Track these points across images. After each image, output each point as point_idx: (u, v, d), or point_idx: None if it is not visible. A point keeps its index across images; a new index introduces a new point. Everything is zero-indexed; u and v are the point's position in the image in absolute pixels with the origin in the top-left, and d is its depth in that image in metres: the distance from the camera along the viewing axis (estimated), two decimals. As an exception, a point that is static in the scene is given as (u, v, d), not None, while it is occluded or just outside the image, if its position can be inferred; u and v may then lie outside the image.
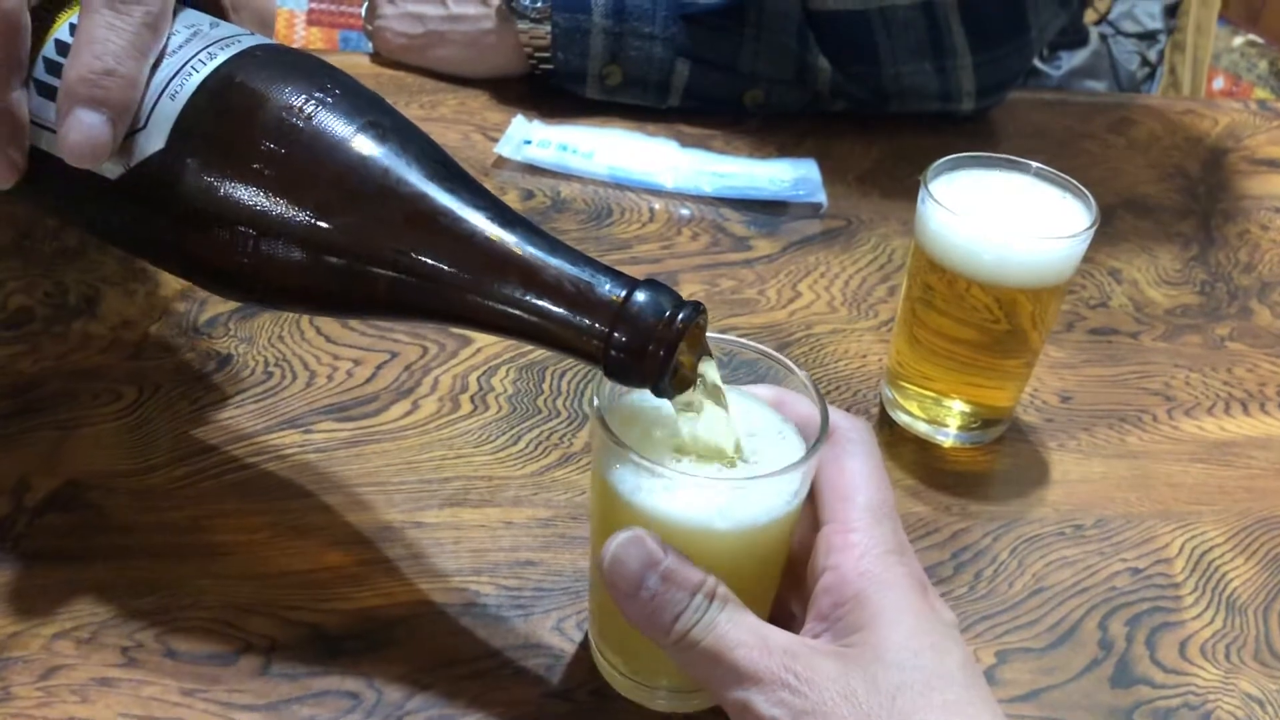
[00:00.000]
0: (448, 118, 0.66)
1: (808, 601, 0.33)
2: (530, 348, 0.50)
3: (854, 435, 0.35)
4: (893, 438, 0.49)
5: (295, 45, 1.31)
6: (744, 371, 0.36)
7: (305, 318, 0.50)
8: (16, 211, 0.53)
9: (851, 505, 0.33)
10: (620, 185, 0.62)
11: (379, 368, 0.48)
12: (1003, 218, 0.45)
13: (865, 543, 0.32)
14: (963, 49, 0.66)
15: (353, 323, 0.51)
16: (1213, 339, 0.56)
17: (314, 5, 1.45)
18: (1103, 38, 1.14)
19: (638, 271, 0.55)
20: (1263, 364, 0.55)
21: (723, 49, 0.65)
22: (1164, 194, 0.67)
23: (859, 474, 0.34)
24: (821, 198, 0.62)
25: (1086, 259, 0.60)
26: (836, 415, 0.35)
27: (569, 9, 0.64)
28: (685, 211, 0.61)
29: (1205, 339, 0.56)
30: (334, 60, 0.70)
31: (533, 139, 0.64)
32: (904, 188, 0.65)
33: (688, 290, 0.55)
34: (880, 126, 0.69)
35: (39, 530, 0.39)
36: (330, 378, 0.48)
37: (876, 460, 0.34)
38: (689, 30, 0.64)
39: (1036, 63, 1.11)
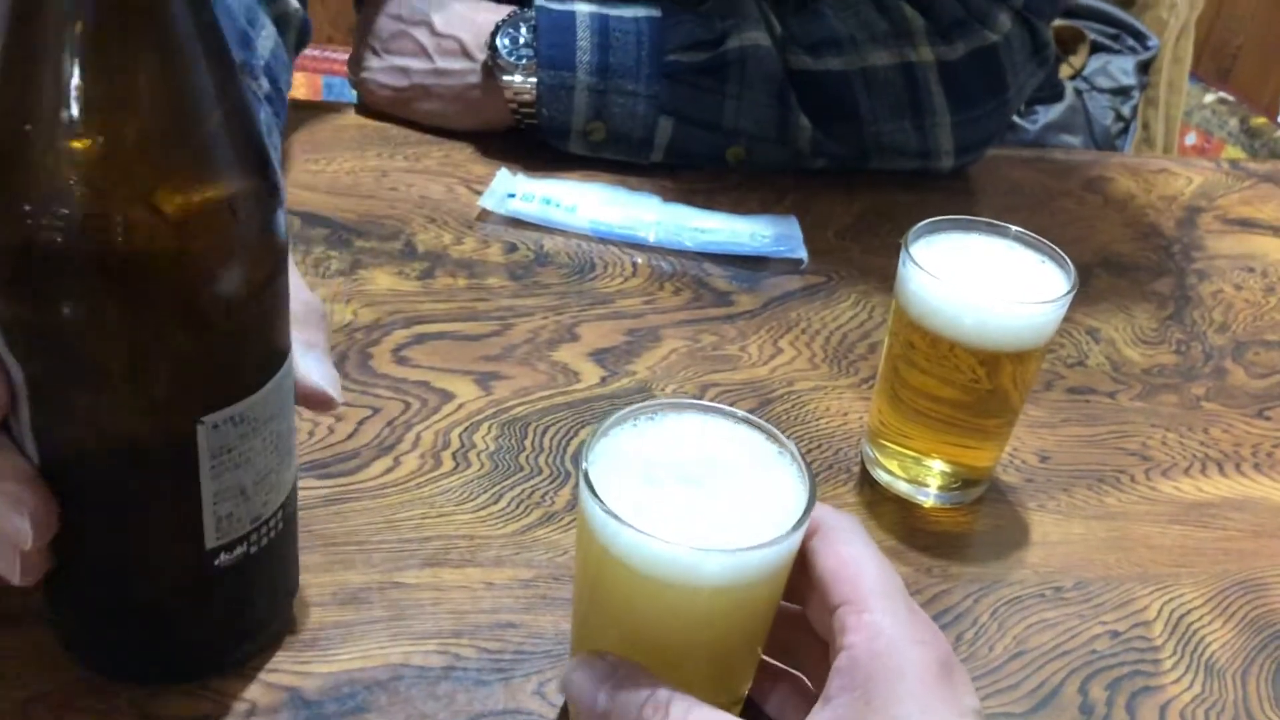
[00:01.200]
0: (432, 170, 0.66)
1: (809, 682, 0.33)
2: (514, 405, 0.50)
3: (844, 523, 0.34)
4: (874, 497, 0.49)
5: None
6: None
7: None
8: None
9: (861, 586, 0.33)
10: (603, 239, 0.63)
11: (360, 423, 0.48)
12: (983, 282, 0.46)
13: (880, 623, 0.32)
14: (941, 109, 0.67)
15: (334, 377, 0.50)
16: (1189, 399, 0.57)
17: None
18: (1078, 93, 1.16)
19: (620, 327, 0.56)
20: (1238, 424, 0.56)
21: (705, 107, 0.66)
22: (1140, 253, 0.68)
23: (861, 557, 0.33)
24: (802, 253, 0.63)
25: (1065, 318, 0.60)
26: (821, 508, 0.35)
27: (554, 66, 0.64)
28: (667, 266, 0.61)
29: (1182, 399, 0.57)
30: (317, 112, 0.70)
31: (517, 192, 0.64)
32: (884, 244, 0.65)
33: (669, 346, 0.56)
34: (861, 183, 0.70)
35: (10, 591, 0.39)
36: (311, 434, 0.47)
37: (873, 546, 0.34)
38: (672, 88, 0.65)
39: (1013, 116, 1.13)
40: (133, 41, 0.27)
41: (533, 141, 0.67)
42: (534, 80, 0.65)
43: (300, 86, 1.34)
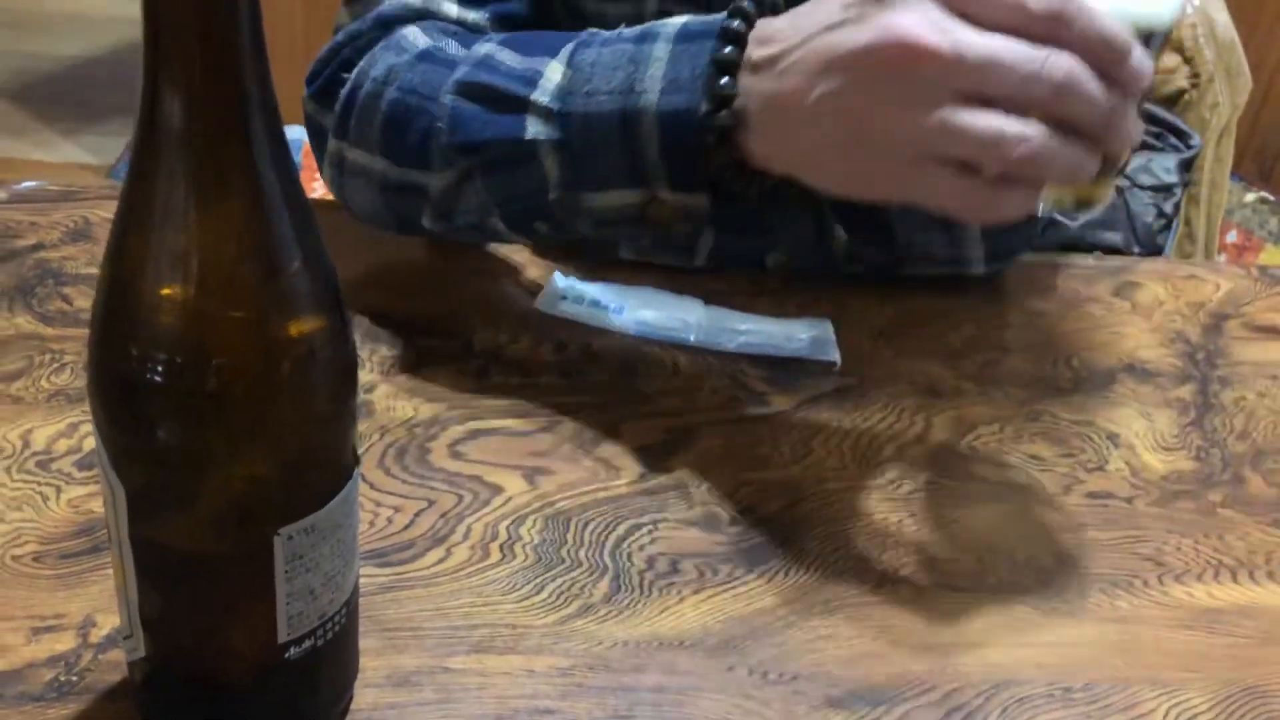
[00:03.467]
0: (491, 271, 0.71)
1: None
2: (558, 499, 0.54)
3: None
4: (890, 594, 0.52)
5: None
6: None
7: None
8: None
9: None
10: (648, 340, 0.67)
11: (416, 515, 0.53)
12: None
13: None
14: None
15: (394, 470, 0.55)
16: (1206, 505, 0.59)
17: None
18: (1119, 191, 1.18)
19: (660, 425, 0.60)
20: (1254, 532, 0.58)
21: (745, 217, 0.70)
22: (1164, 359, 0.70)
23: None
24: (835, 356, 0.66)
25: (1086, 422, 0.63)
26: None
27: None
28: (707, 366, 0.65)
29: (1198, 505, 0.59)
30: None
31: (568, 295, 0.68)
32: (915, 347, 0.69)
33: (706, 444, 0.59)
34: (895, 287, 0.73)
35: (103, 665, 0.43)
36: (372, 524, 0.52)
37: None
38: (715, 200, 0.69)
39: (1054, 213, 1.16)
40: (226, 206, 0.31)
41: (585, 247, 0.72)
42: (587, 189, 0.70)
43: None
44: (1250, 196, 1.32)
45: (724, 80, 0.51)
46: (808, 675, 0.48)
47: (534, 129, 0.55)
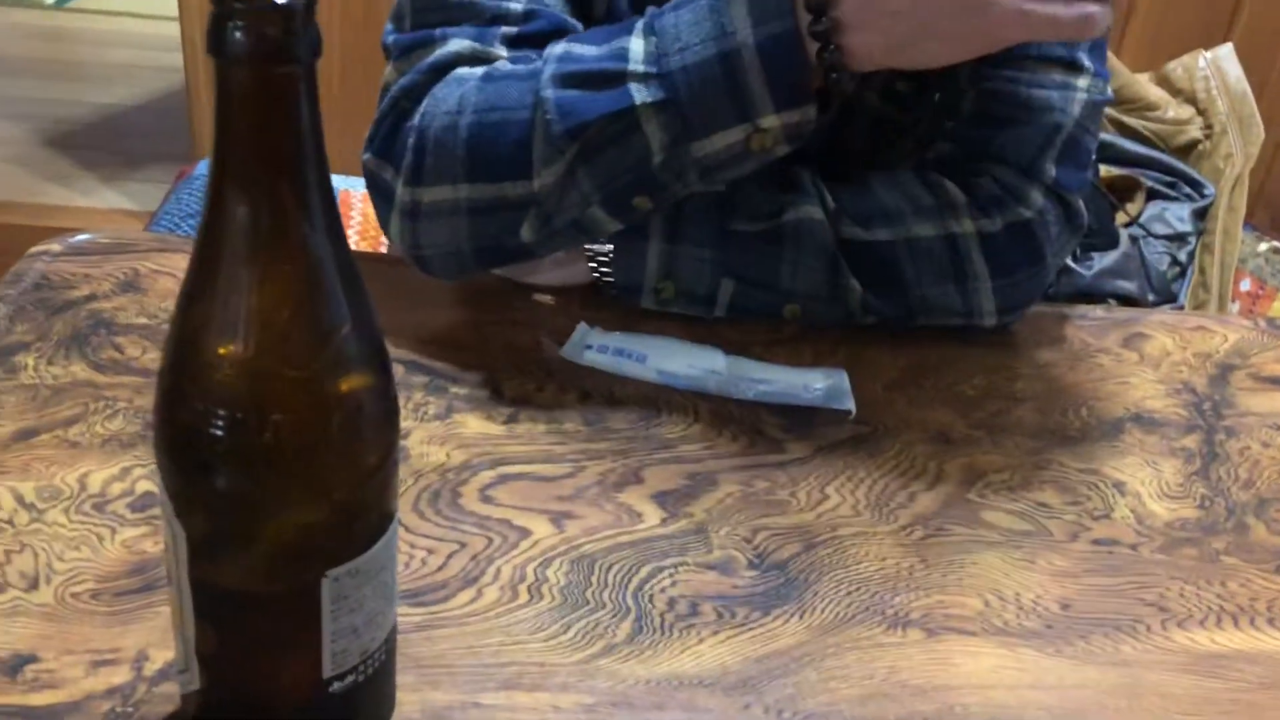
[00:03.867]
0: (520, 321, 0.74)
1: None
2: (583, 543, 0.57)
3: None
4: (903, 639, 0.54)
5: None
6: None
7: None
8: (144, 405, 0.62)
9: None
10: (669, 388, 0.69)
11: (449, 557, 0.55)
12: None
13: None
14: (983, 274, 0.73)
15: (428, 514, 0.58)
16: (1209, 552, 0.61)
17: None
18: (1133, 239, 1.21)
19: (681, 471, 0.62)
20: (1256, 579, 0.60)
21: (764, 270, 0.73)
22: (1171, 409, 0.72)
23: None
24: (850, 405, 0.69)
25: (1093, 471, 0.65)
26: None
27: (628, 234, 0.72)
28: (727, 414, 0.68)
29: (1202, 552, 0.61)
30: (413, 271, 0.77)
31: (593, 344, 0.71)
32: (927, 397, 0.71)
33: (725, 490, 0.62)
34: (908, 338, 0.76)
35: (156, 698, 0.46)
36: (408, 565, 0.54)
37: None
38: (734, 253, 0.72)
39: (1069, 261, 1.18)
40: (284, 278, 0.35)
41: (608, 297, 0.75)
42: (611, 245, 0.73)
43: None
44: (1263, 246, 1.33)
45: None
46: (821, 714, 0.50)
47: (639, 95, 0.60)
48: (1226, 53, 1.33)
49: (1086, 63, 0.75)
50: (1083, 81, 0.75)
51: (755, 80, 0.59)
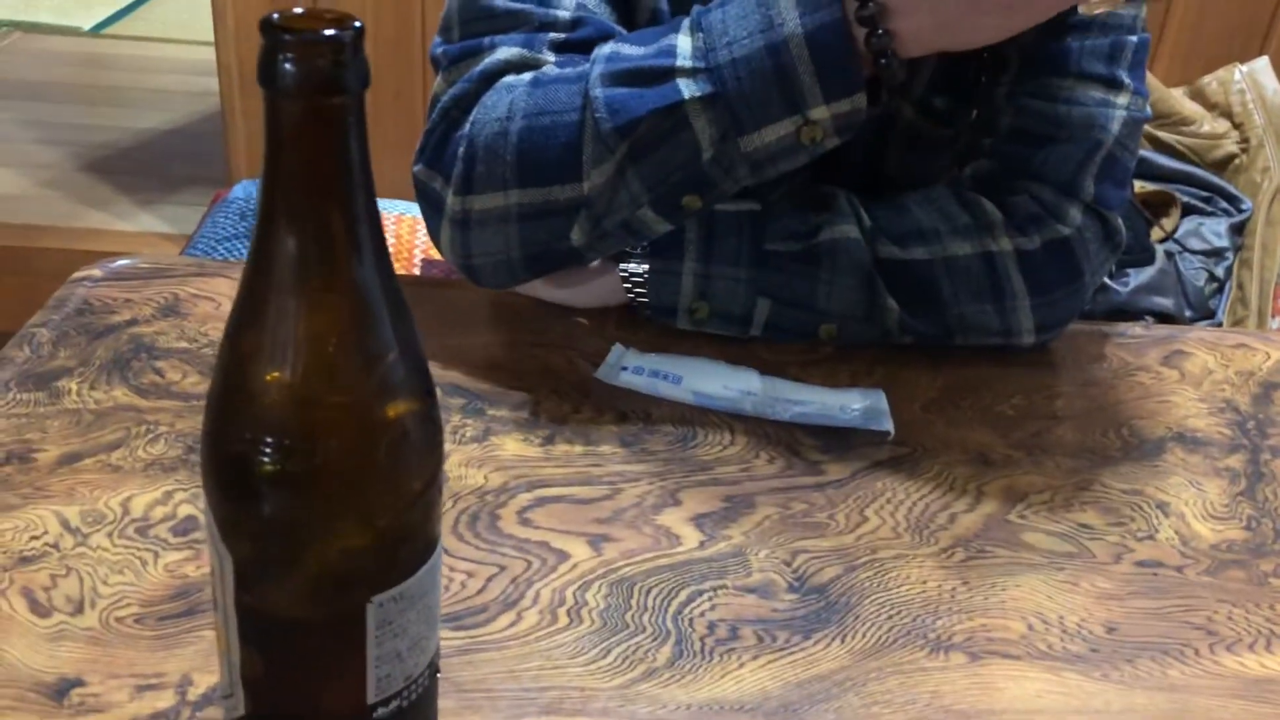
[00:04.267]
0: (555, 343, 0.75)
1: None
2: (622, 566, 0.57)
3: None
4: (946, 663, 0.53)
5: (417, 249, 1.44)
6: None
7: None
8: (185, 429, 0.63)
9: None
10: (705, 409, 0.69)
11: (489, 580, 0.55)
12: None
13: None
14: (1021, 293, 0.72)
15: (467, 537, 0.58)
16: (1257, 575, 0.60)
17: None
18: (1169, 255, 1.20)
19: (718, 493, 0.62)
20: (1304, 601, 0.59)
21: (800, 290, 0.73)
22: (1214, 428, 0.72)
23: None
24: (889, 425, 0.69)
25: (1135, 491, 0.65)
26: None
27: (662, 255, 0.72)
28: (763, 436, 0.68)
29: (1249, 575, 0.60)
30: (455, 290, 0.78)
31: (628, 365, 0.72)
32: (965, 417, 0.71)
33: (763, 512, 0.62)
34: (946, 357, 0.75)
35: (200, 722, 0.46)
36: (448, 588, 0.54)
37: None
38: (770, 273, 0.72)
39: (1104, 279, 1.17)
40: (329, 309, 0.35)
41: (643, 318, 0.75)
42: (646, 265, 0.73)
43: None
44: (1303, 261, 1.32)
45: None
46: (864, 739, 0.49)
47: (688, 90, 0.60)
48: (1263, 65, 1.32)
49: (1126, 80, 0.75)
50: (1122, 99, 0.74)
51: (804, 71, 0.59)
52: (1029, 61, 0.75)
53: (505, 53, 0.68)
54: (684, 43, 0.62)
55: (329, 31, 0.32)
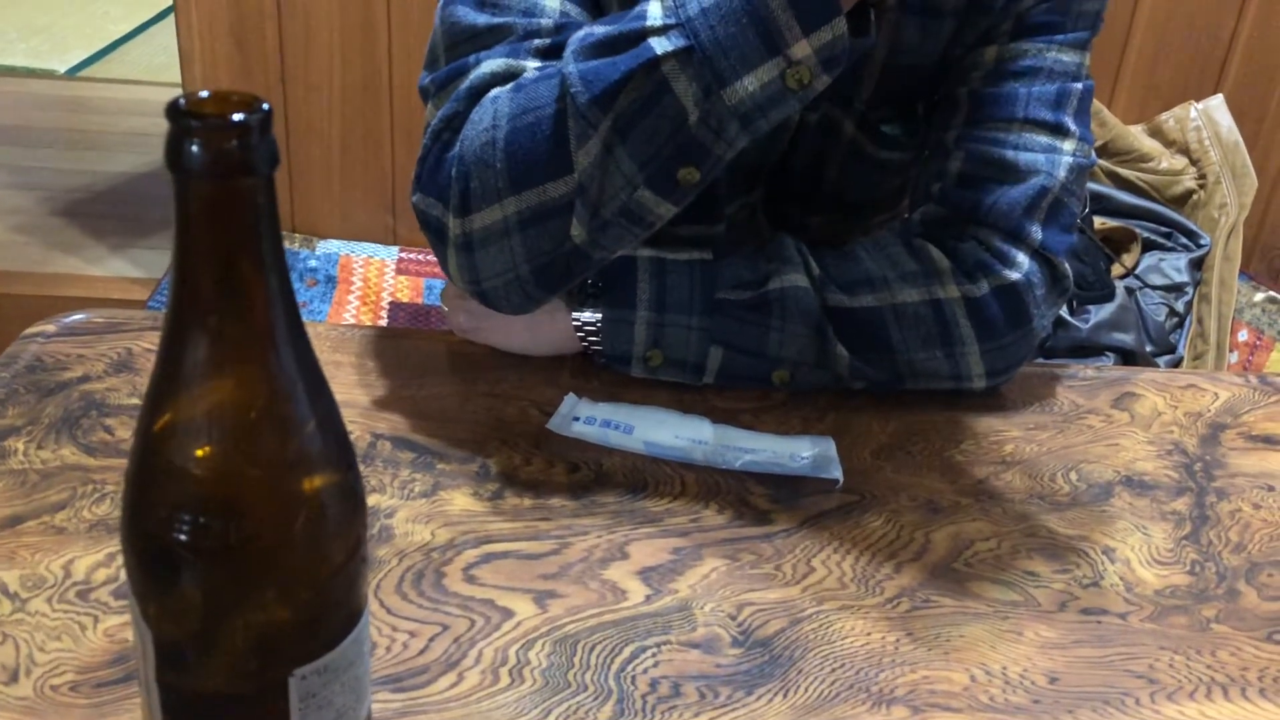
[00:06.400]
0: (509, 393, 0.75)
1: None
2: (566, 623, 0.57)
3: None
4: (889, 717, 0.53)
5: (385, 292, 1.44)
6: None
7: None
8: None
9: None
10: (657, 459, 0.70)
11: (431, 640, 0.55)
12: None
13: None
14: (970, 339, 0.73)
15: (411, 595, 0.58)
16: (1199, 620, 0.60)
17: (403, 255, 1.60)
18: (1130, 291, 1.21)
19: (666, 545, 0.62)
20: (1246, 648, 0.59)
21: (751, 338, 0.73)
22: (1161, 471, 0.72)
23: None
24: (838, 474, 0.69)
25: (1082, 537, 0.65)
26: None
27: (616, 304, 0.73)
28: (714, 485, 0.68)
29: (1192, 620, 0.60)
30: (414, 340, 0.77)
31: (580, 416, 0.72)
32: (916, 462, 0.71)
33: (710, 564, 0.62)
34: (898, 402, 0.76)
35: (133, 792, 0.46)
36: (389, 649, 0.54)
37: None
38: (722, 321, 0.73)
39: (1065, 315, 1.19)
40: (245, 384, 0.35)
41: (597, 366, 0.76)
42: (600, 314, 0.74)
43: (404, 288, 1.49)
44: (1259, 296, 1.33)
45: None
46: (804, 797, 0.49)
47: (660, 46, 0.58)
48: (1218, 103, 1.34)
49: (1072, 126, 0.76)
50: (1068, 145, 0.76)
51: (777, 6, 0.56)
52: (977, 106, 0.76)
53: (490, 65, 0.68)
54: (654, 7, 0.60)
55: (236, 116, 0.33)
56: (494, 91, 0.67)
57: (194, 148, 0.32)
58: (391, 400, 0.73)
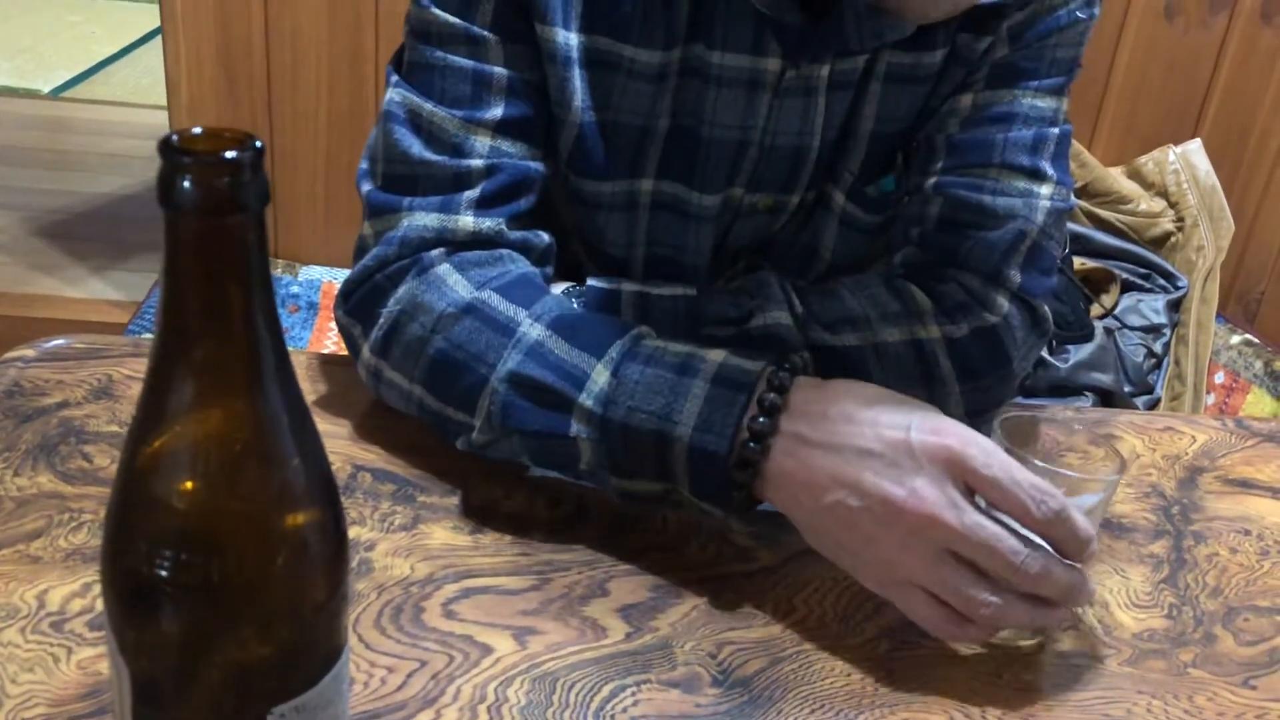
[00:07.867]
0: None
1: None
2: (546, 660, 0.56)
3: None
4: (868, 759, 0.53)
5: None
6: None
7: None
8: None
9: None
10: (638, 495, 0.69)
11: (409, 676, 0.55)
12: None
13: None
14: (950, 379, 0.74)
15: (390, 630, 0.57)
16: (1176, 665, 0.61)
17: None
18: (1109, 332, 1.22)
19: (647, 583, 0.62)
20: (1223, 693, 0.59)
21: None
22: (1139, 514, 0.73)
23: None
24: (819, 512, 0.69)
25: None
26: None
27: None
28: (696, 522, 0.68)
29: (1169, 664, 0.61)
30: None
31: (563, 451, 0.72)
32: (897, 502, 0.71)
33: (690, 603, 0.62)
34: (878, 441, 0.76)
35: (104, 830, 0.45)
36: (367, 684, 0.54)
37: None
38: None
39: (1044, 354, 1.20)
40: (230, 420, 0.35)
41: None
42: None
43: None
44: (1236, 339, 1.35)
45: (751, 445, 0.60)
46: (782, 840, 0.49)
47: (577, 428, 0.63)
48: (1195, 147, 1.36)
49: (1049, 171, 0.77)
50: (1046, 189, 0.76)
51: (681, 470, 0.61)
52: (954, 152, 0.77)
53: (423, 219, 0.69)
54: (599, 378, 0.63)
55: (229, 153, 0.33)
56: (436, 270, 0.68)
57: (186, 184, 0.33)
58: (373, 431, 0.73)
